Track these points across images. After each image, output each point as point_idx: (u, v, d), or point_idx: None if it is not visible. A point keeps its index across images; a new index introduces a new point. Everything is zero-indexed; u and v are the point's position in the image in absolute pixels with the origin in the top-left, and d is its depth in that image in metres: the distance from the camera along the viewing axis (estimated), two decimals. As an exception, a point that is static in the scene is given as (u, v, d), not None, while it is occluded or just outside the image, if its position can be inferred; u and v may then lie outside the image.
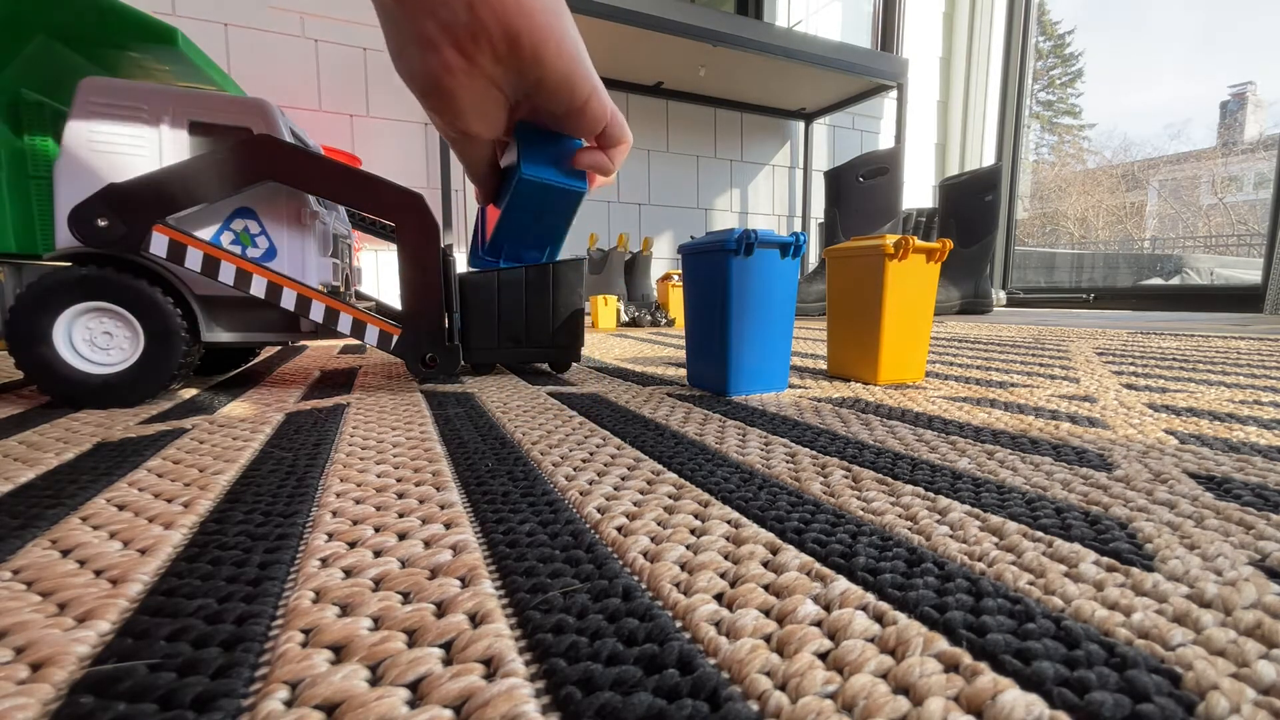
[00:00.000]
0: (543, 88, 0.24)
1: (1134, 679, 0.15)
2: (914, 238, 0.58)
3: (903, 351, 0.60)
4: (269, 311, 0.56)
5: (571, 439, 0.39)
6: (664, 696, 0.14)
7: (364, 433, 0.41)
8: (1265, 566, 0.20)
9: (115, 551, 0.22)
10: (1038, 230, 3.58)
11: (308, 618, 0.18)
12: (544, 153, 0.28)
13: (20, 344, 0.47)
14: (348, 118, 1.63)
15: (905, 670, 0.15)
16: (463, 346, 0.66)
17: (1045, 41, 6.20)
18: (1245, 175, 3.87)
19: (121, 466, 0.33)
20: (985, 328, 1.35)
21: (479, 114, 0.25)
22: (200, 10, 1.47)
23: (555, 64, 0.24)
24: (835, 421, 0.44)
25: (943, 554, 0.22)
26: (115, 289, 0.49)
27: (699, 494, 0.28)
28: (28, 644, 0.17)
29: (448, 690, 0.14)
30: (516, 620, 0.18)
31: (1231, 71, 5.21)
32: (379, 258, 1.71)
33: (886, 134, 2.54)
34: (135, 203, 0.48)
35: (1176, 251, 3.24)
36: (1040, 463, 0.33)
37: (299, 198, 0.55)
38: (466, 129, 0.25)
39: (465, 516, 0.26)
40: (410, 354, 0.57)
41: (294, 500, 0.28)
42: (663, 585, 0.19)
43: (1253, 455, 0.34)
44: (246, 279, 0.51)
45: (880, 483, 0.30)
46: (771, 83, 1.98)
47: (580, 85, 0.25)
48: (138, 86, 0.50)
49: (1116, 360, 0.75)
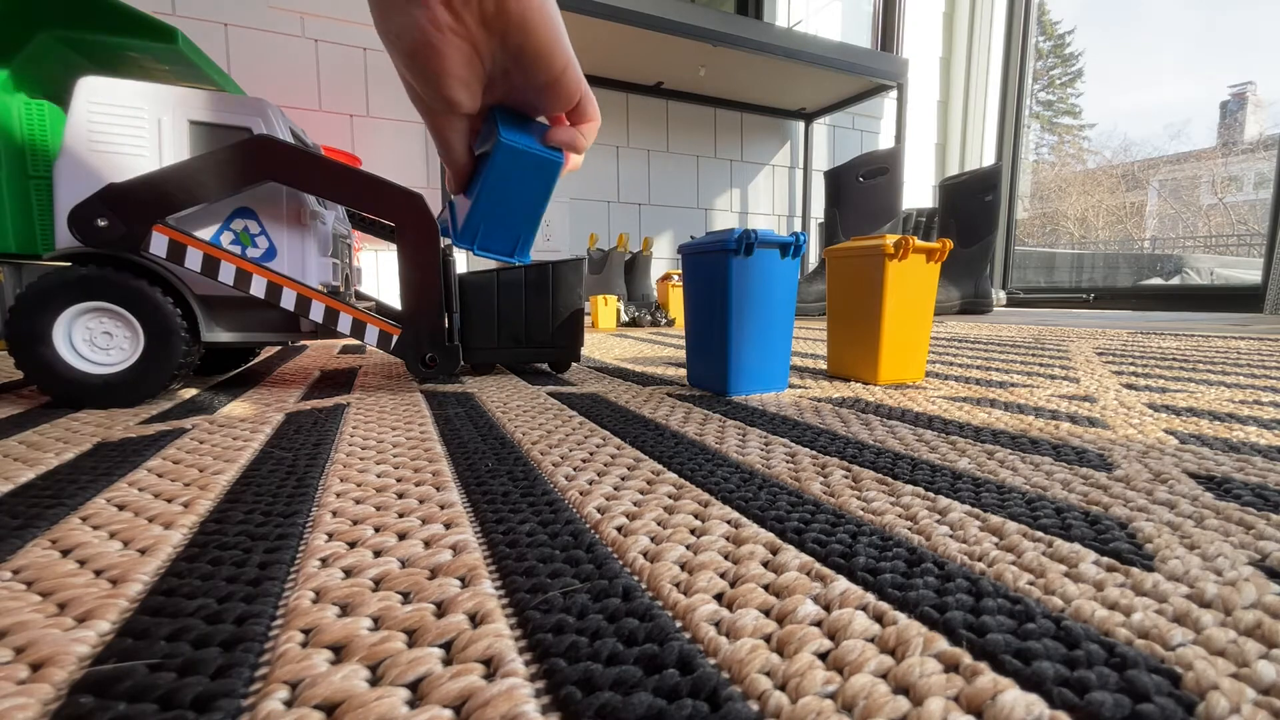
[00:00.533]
0: (523, 56, 0.25)
1: (1134, 679, 0.15)
2: (914, 238, 0.58)
3: (903, 351, 0.60)
4: (269, 311, 0.56)
5: (571, 439, 0.39)
6: (664, 696, 0.14)
7: (364, 433, 0.41)
8: (1265, 566, 0.20)
9: (115, 551, 0.22)
10: (1038, 230, 3.58)
11: (308, 618, 0.18)
12: (521, 128, 0.28)
13: (20, 344, 0.47)
14: (348, 118, 1.63)
15: (905, 670, 0.15)
16: (463, 346, 0.66)
17: (1045, 41, 6.20)
18: (1245, 175, 3.87)
19: (121, 466, 0.33)
20: (985, 328, 1.35)
21: (460, 80, 0.25)
22: (200, 10, 1.47)
23: (538, 31, 0.24)
24: (835, 421, 0.44)
25: (943, 554, 0.22)
26: (115, 289, 0.49)
27: (699, 494, 0.28)
28: (28, 644, 0.17)
29: (448, 690, 0.14)
30: (516, 620, 0.18)
31: (1231, 71, 5.21)
32: (379, 258, 1.71)
33: (886, 134, 2.54)
34: (135, 203, 0.48)
35: (1176, 251, 3.23)
36: (1040, 463, 0.33)
37: (299, 198, 0.55)
38: (448, 94, 0.25)
39: (465, 516, 0.26)
40: (410, 354, 0.57)
41: (294, 500, 0.28)
42: (663, 585, 0.19)
43: (1253, 455, 0.34)
44: (246, 279, 0.51)
45: (880, 483, 0.30)
46: (771, 83, 1.98)
47: (558, 55, 0.25)
48: (138, 86, 0.50)
49: (1116, 360, 0.75)
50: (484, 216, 0.30)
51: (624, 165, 2.09)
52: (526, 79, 0.26)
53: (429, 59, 0.24)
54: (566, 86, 0.26)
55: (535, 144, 0.28)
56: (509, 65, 0.25)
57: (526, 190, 0.30)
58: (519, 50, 0.24)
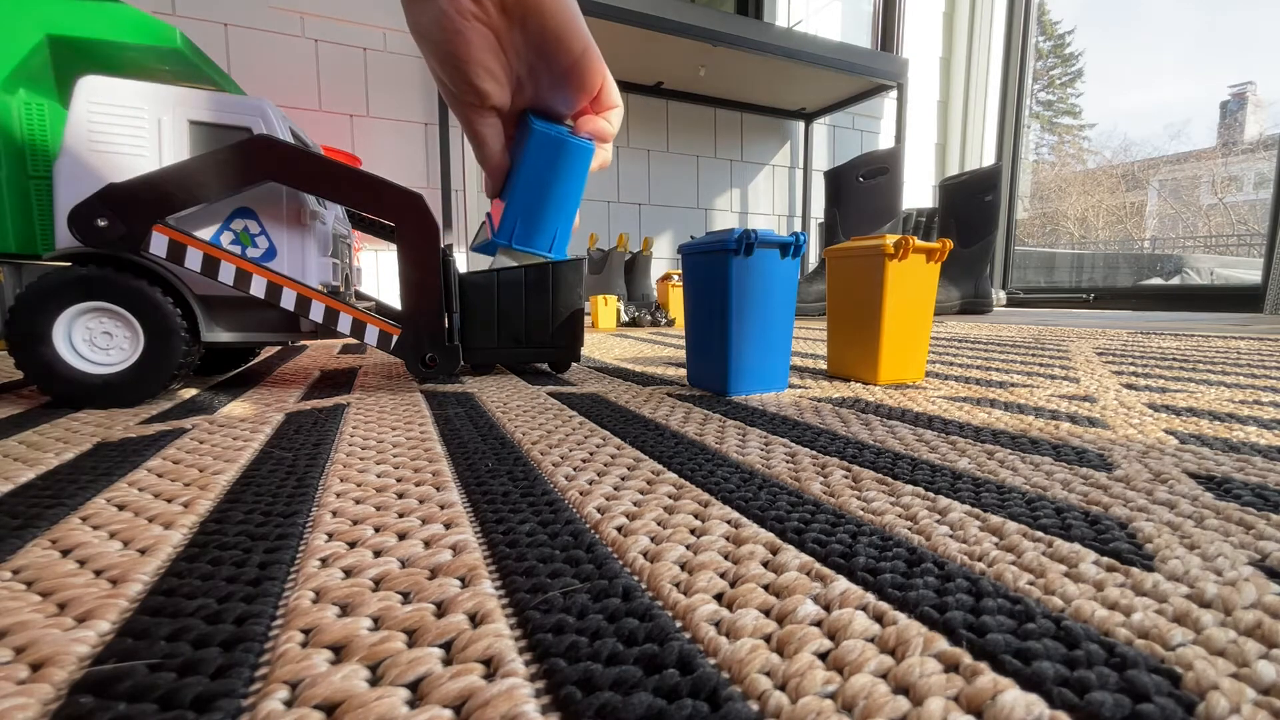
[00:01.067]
0: (544, 41, 0.26)
1: (1134, 679, 0.15)
2: (914, 238, 0.58)
3: (903, 351, 0.60)
4: (269, 311, 0.56)
5: (571, 439, 0.39)
6: (664, 696, 0.14)
7: (364, 433, 0.41)
8: (1265, 566, 0.20)
9: (115, 551, 0.22)
10: (1038, 230, 3.58)
11: (308, 618, 0.18)
12: (552, 122, 0.29)
13: (20, 344, 0.47)
14: (348, 118, 1.63)
15: (905, 670, 0.15)
16: (463, 346, 0.66)
17: (1045, 41, 6.20)
18: (1245, 175, 3.87)
19: (121, 466, 0.33)
20: (985, 328, 1.35)
21: (487, 70, 0.26)
22: (200, 10, 1.47)
23: (555, 13, 0.25)
24: (835, 421, 0.44)
25: (943, 554, 0.22)
26: (115, 289, 0.49)
27: (699, 494, 0.28)
28: (28, 644, 0.17)
29: (448, 690, 0.14)
30: (516, 620, 0.18)
31: (1231, 71, 5.21)
32: (379, 258, 1.71)
33: (886, 134, 2.54)
34: (135, 203, 0.48)
35: (1176, 251, 3.23)
36: (1040, 463, 0.33)
37: (299, 198, 0.55)
38: (478, 83, 0.26)
39: (465, 516, 0.26)
40: (410, 354, 0.57)
41: (294, 500, 0.28)
42: (663, 585, 0.19)
43: (1253, 455, 0.34)
44: (246, 279, 0.51)
45: (880, 483, 0.30)
46: (771, 83, 1.98)
47: (577, 37, 0.27)
48: (138, 86, 0.50)
49: (1116, 360, 0.75)
50: (520, 211, 0.31)
51: (624, 165, 2.09)
52: (549, 66, 0.27)
53: (456, 46, 0.25)
54: (588, 69, 0.28)
55: (566, 133, 0.29)
56: (532, 59, 0.27)
57: (560, 181, 0.31)
58: (539, 35, 0.26)
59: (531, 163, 0.29)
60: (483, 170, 0.31)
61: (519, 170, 0.30)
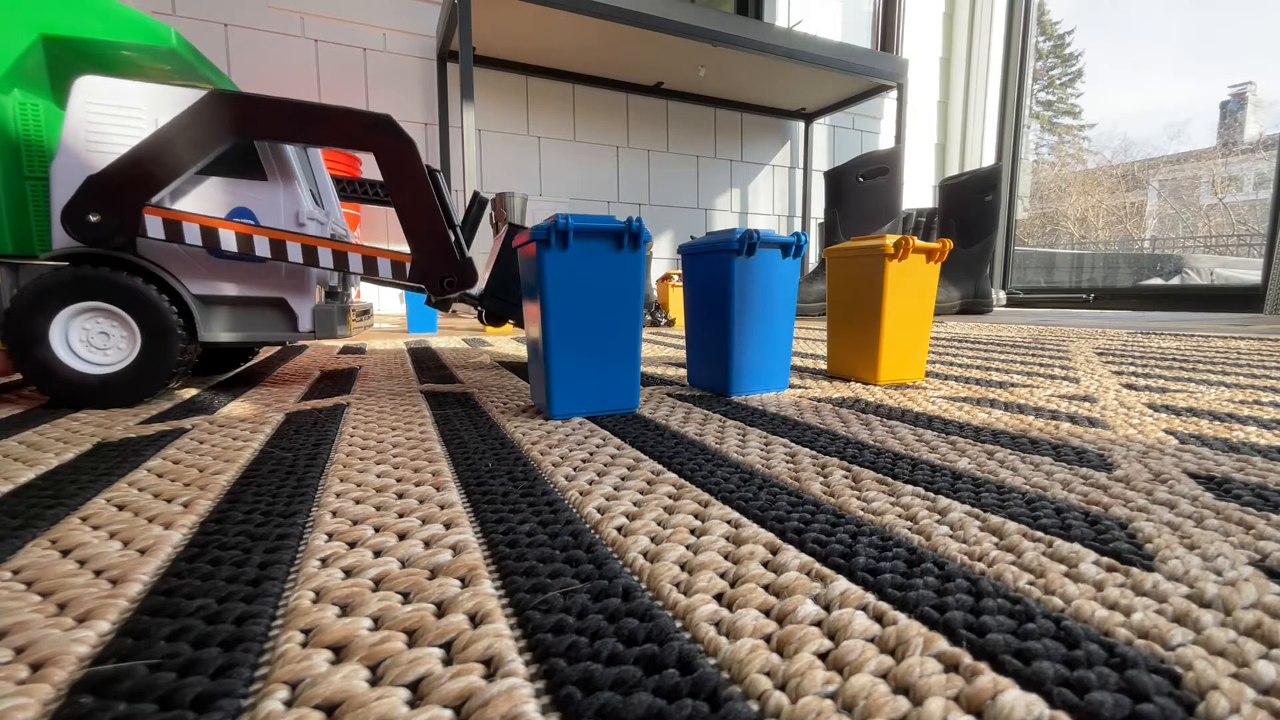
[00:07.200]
0: None
1: (1134, 679, 0.15)
2: (914, 238, 0.58)
3: (903, 351, 0.60)
4: (267, 310, 0.56)
5: (571, 439, 0.39)
6: (664, 696, 0.14)
7: (364, 433, 0.41)
8: (1265, 566, 0.20)
9: (115, 551, 0.22)
10: (1038, 230, 3.58)
11: (308, 618, 0.18)
12: None
13: (17, 345, 0.47)
14: (347, 118, 1.63)
15: (905, 670, 0.15)
16: (506, 301, 0.68)
17: (1045, 41, 6.20)
18: (1245, 175, 3.87)
19: (121, 466, 0.33)
20: (985, 328, 1.35)
21: None
22: (200, 10, 1.47)
23: None
24: (835, 421, 0.44)
25: (943, 554, 0.22)
26: (111, 288, 0.49)
27: (699, 494, 0.28)
28: (28, 644, 0.17)
29: (448, 690, 0.14)
30: (516, 620, 0.18)
31: (1232, 71, 5.21)
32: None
33: (886, 134, 2.54)
34: (117, 189, 0.47)
35: (1176, 251, 3.23)
36: (1040, 463, 0.33)
37: (296, 199, 0.55)
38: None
39: (465, 516, 0.26)
40: (428, 278, 0.56)
41: (294, 500, 0.28)
42: (663, 585, 0.19)
43: (1253, 455, 0.34)
44: (249, 242, 0.51)
45: (880, 483, 0.30)
46: (771, 83, 1.98)
47: None
48: (135, 86, 0.50)
49: (1116, 360, 0.75)
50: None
51: (624, 165, 2.09)
52: None
53: None
54: None
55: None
56: None
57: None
58: None
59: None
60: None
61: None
